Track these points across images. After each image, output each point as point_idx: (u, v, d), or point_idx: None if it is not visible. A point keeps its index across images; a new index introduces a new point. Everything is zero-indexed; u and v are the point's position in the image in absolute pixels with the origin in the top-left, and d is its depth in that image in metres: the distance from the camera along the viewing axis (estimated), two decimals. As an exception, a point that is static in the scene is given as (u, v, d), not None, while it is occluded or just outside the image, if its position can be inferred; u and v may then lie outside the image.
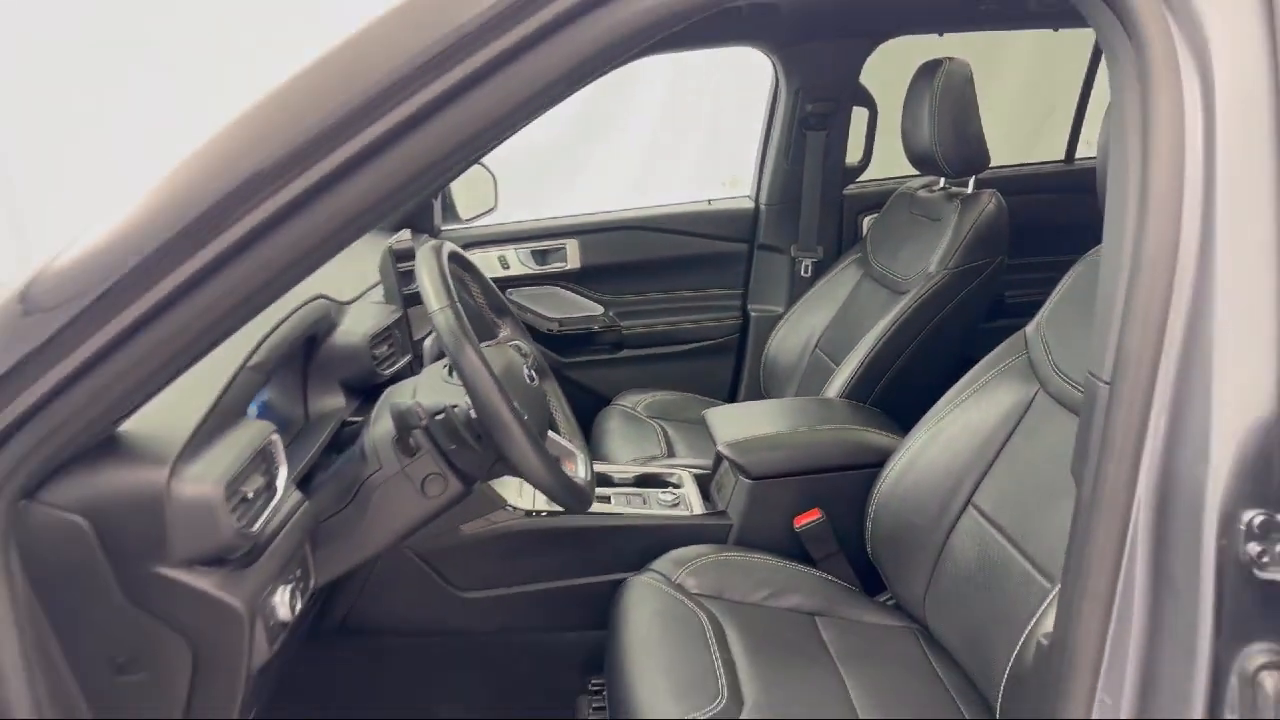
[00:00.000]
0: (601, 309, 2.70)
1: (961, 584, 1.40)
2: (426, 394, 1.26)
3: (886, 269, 2.23)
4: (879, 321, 2.04)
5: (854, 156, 2.67)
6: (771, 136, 2.65)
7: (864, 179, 2.70)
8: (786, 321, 2.51)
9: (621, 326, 2.71)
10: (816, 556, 1.69)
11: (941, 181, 2.20)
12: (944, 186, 2.19)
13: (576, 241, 2.66)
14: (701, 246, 2.71)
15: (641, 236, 2.69)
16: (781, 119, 2.59)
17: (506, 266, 2.63)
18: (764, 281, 2.71)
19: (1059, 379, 1.33)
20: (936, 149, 2.01)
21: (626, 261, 2.69)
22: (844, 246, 2.64)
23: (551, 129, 3.38)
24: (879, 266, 2.27)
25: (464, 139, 0.78)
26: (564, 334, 2.65)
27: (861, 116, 2.61)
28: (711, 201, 2.77)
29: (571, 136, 3.51)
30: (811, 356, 2.36)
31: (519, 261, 2.64)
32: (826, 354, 2.30)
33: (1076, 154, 2.77)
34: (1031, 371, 1.42)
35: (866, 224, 2.62)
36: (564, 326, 2.65)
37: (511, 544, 1.66)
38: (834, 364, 2.18)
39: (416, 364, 1.67)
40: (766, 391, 2.55)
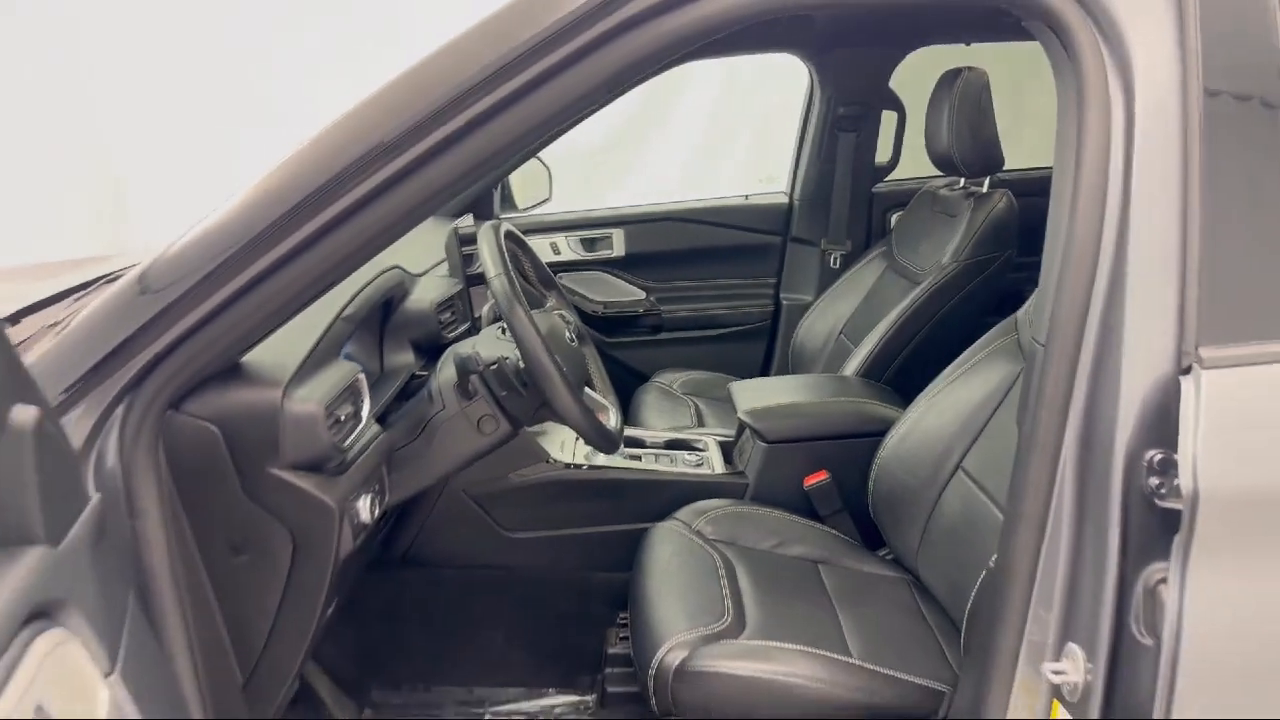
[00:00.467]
0: (643, 294, 2.90)
1: (948, 537, 1.57)
2: (484, 347, 1.48)
3: (907, 261, 2.40)
4: (895, 308, 2.21)
5: (884, 157, 2.83)
6: (806, 137, 2.84)
7: (893, 178, 2.86)
8: (815, 309, 2.69)
9: (661, 310, 2.91)
10: (823, 513, 1.87)
11: (961, 181, 2.35)
12: (963, 186, 2.35)
13: (622, 231, 2.87)
14: (738, 238, 2.90)
15: (683, 228, 2.89)
16: (815, 121, 2.78)
17: (557, 252, 2.84)
18: (795, 272, 2.90)
19: None
20: (954, 150, 2.17)
21: (668, 250, 2.89)
22: (871, 240, 2.81)
23: (606, 130, 3.58)
24: (901, 259, 2.44)
25: (533, 127, 0.97)
26: (608, 316, 2.86)
27: (891, 119, 2.77)
28: (748, 197, 2.96)
29: (625, 136, 3.70)
30: (836, 341, 2.54)
31: (569, 248, 2.86)
32: (849, 338, 2.47)
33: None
34: (1019, 352, 1.58)
35: (893, 220, 2.79)
36: (608, 309, 2.86)
37: (553, 492, 1.88)
38: (854, 347, 2.35)
39: (475, 333, 1.90)
40: (793, 373, 2.72)
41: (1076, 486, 0.98)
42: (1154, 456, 0.89)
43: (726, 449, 2.07)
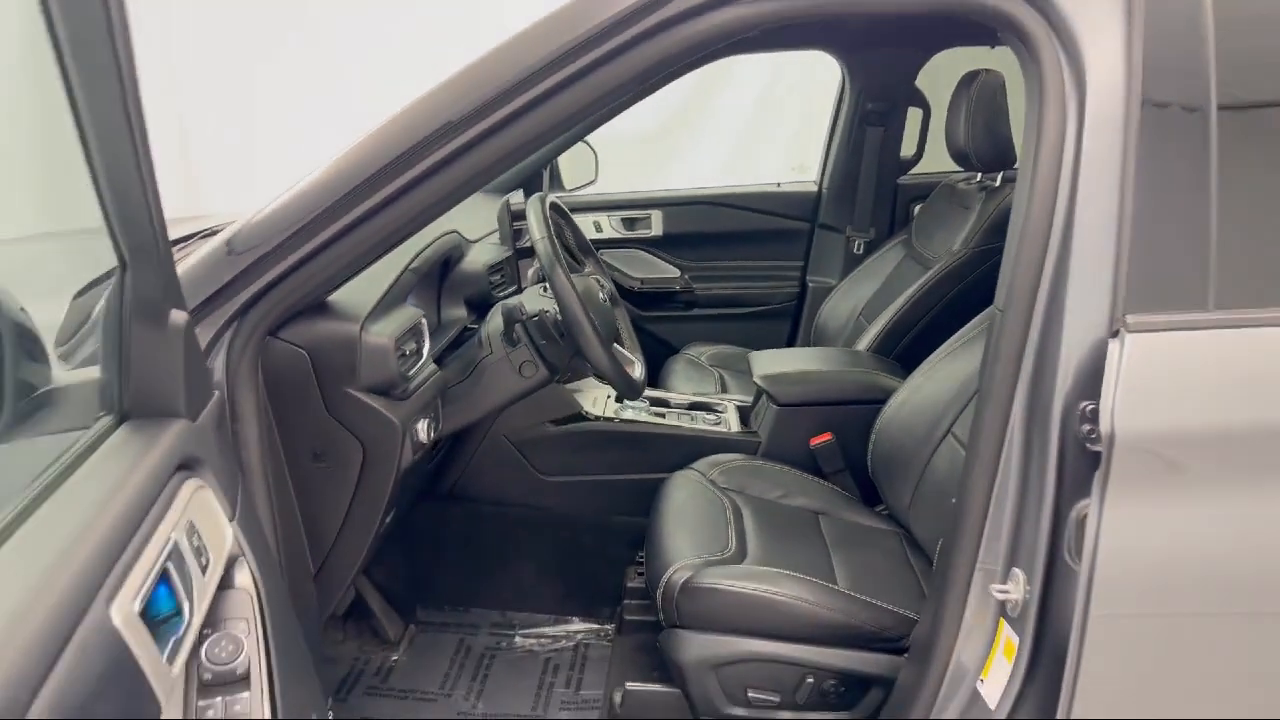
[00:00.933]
0: (678, 272, 3.10)
1: (937, 495, 1.72)
2: (528, 301, 1.71)
3: (924, 248, 2.56)
4: (908, 289, 2.38)
5: (909, 151, 2.98)
6: (836, 129, 3.00)
7: (917, 171, 3.01)
8: (837, 291, 2.86)
9: (695, 288, 3.10)
10: (826, 471, 2.06)
11: (977, 176, 2.50)
12: (978, 180, 2.49)
13: (660, 212, 3.06)
14: (769, 223, 3.08)
15: (717, 211, 3.07)
16: (845, 115, 2.94)
17: (599, 230, 3.05)
18: (821, 256, 3.07)
19: None
20: (970, 146, 2.31)
21: (703, 232, 3.08)
22: (894, 229, 2.97)
23: (655, 118, 3.74)
24: (918, 246, 2.60)
25: (575, 112, 1.14)
26: (645, 291, 3.07)
27: (916, 115, 2.92)
28: (780, 184, 3.14)
29: (672, 125, 3.85)
30: (855, 322, 2.70)
31: (610, 226, 3.06)
32: (866, 319, 2.63)
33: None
34: None
35: (916, 210, 2.94)
36: (645, 285, 3.07)
37: (584, 441, 2.09)
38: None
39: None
40: (813, 349, 2.90)
41: (1024, 433, 1.14)
42: (1086, 406, 1.04)
43: (744, 412, 2.26)
